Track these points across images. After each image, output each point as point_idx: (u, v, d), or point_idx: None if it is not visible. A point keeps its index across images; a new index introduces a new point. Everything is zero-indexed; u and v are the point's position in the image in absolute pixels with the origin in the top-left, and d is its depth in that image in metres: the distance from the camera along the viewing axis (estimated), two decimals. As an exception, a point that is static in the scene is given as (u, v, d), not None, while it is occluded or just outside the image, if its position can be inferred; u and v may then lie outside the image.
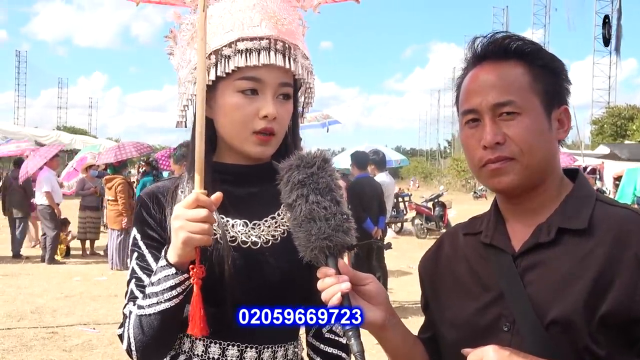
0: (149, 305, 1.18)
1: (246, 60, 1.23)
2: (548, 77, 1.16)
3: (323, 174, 1.12)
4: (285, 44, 1.26)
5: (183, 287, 1.17)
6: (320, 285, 1.08)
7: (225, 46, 1.25)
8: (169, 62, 1.39)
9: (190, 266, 1.16)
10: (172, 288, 1.16)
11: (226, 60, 1.24)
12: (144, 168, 11.62)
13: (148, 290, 1.20)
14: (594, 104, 39.72)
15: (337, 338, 1.38)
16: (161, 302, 1.17)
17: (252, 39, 1.24)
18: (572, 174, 1.21)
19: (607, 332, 1.01)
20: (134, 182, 11.64)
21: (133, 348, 1.22)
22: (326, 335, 1.38)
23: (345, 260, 1.11)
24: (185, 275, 1.16)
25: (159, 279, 1.18)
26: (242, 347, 1.27)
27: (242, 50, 1.24)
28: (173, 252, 1.16)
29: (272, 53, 1.24)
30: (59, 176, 11.94)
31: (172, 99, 1.37)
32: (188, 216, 1.13)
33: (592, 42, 40.20)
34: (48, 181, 10.10)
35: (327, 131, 10.88)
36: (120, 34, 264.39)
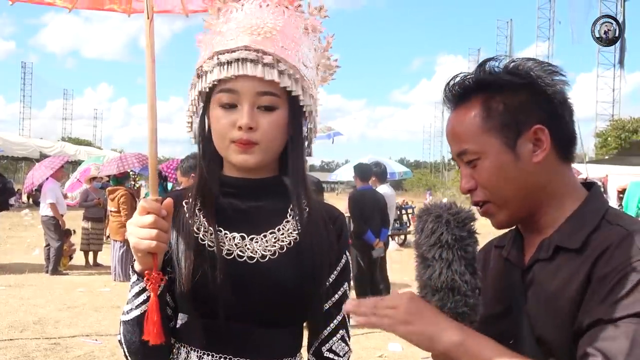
0: (127, 311, 1.23)
1: (219, 72, 1.24)
2: (507, 103, 1.12)
3: (471, 241, 1.07)
4: (258, 52, 1.23)
5: (147, 294, 1.19)
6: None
7: (204, 62, 1.27)
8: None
9: (146, 272, 1.18)
10: (137, 295, 1.21)
11: (205, 75, 1.27)
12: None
13: (127, 296, 1.24)
14: (598, 117, 39.60)
15: (336, 358, 1.34)
16: (133, 309, 1.21)
17: (225, 52, 1.24)
18: (590, 187, 1.19)
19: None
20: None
21: (126, 352, 1.27)
22: (325, 355, 1.34)
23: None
24: (145, 282, 1.19)
25: (130, 285, 1.23)
26: None
27: (215, 64, 1.25)
28: (135, 260, 1.21)
29: (240, 63, 1.23)
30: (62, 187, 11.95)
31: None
32: (137, 222, 1.17)
33: (596, 54, 40.22)
34: (52, 192, 10.12)
35: (332, 142, 10.93)
36: (128, 45, 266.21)
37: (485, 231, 1.24)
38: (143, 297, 1.20)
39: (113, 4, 1.50)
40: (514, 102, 1.12)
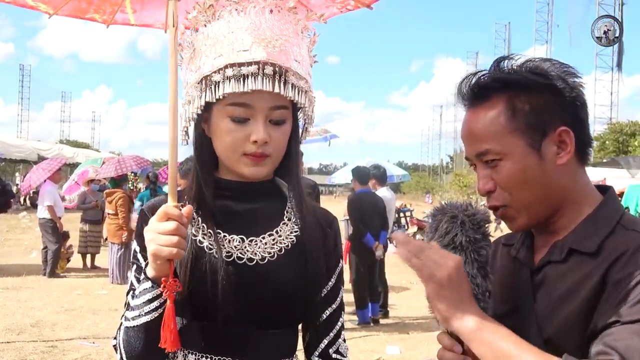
0: (132, 317, 1.20)
1: (235, 85, 1.22)
2: (533, 103, 1.10)
3: (485, 243, 1.07)
4: (275, 67, 1.22)
5: (160, 301, 1.18)
6: (440, 354, 1.09)
7: (214, 72, 1.23)
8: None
9: (163, 279, 1.16)
10: (150, 301, 1.18)
11: (215, 86, 1.23)
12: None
13: (132, 302, 1.22)
14: (596, 120, 39.66)
15: (342, 358, 1.36)
16: (142, 315, 1.19)
17: (240, 65, 1.22)
18: (605, 191, 1.18)
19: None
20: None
21: (124, 358, 1.24)
22: (333, 356, 1.36)
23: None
24: (162, 289, 1.17)
25: (140, 292, 1.20)
26: None
27: (230, 77, 1.22)
28: (150, 266, 1.18)
29: (259, 78, 1.21)
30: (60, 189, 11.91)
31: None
32: (157, 229, 1.15)
33: (593, 57, 40.32)
34: (50, 195, 10.11)
35: (329, 145, 10.92)
36: (128, 48, 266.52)
37: (495, 234, 1.24)
38: (156, 303, 1.18)
39: (95, 14, 1.47)
40: (539, 103, 1.11)
